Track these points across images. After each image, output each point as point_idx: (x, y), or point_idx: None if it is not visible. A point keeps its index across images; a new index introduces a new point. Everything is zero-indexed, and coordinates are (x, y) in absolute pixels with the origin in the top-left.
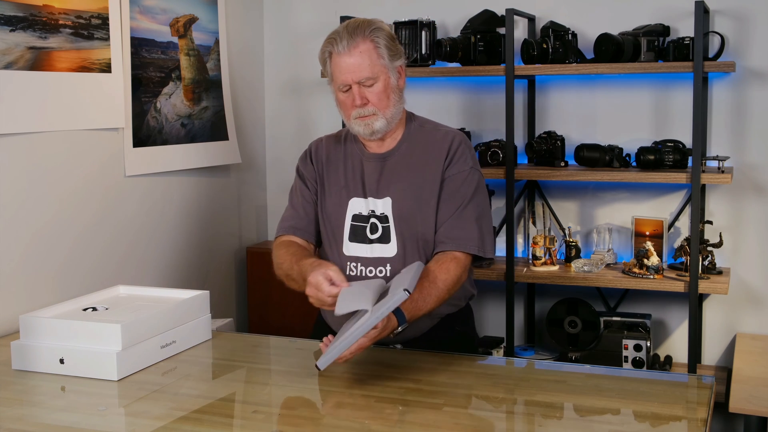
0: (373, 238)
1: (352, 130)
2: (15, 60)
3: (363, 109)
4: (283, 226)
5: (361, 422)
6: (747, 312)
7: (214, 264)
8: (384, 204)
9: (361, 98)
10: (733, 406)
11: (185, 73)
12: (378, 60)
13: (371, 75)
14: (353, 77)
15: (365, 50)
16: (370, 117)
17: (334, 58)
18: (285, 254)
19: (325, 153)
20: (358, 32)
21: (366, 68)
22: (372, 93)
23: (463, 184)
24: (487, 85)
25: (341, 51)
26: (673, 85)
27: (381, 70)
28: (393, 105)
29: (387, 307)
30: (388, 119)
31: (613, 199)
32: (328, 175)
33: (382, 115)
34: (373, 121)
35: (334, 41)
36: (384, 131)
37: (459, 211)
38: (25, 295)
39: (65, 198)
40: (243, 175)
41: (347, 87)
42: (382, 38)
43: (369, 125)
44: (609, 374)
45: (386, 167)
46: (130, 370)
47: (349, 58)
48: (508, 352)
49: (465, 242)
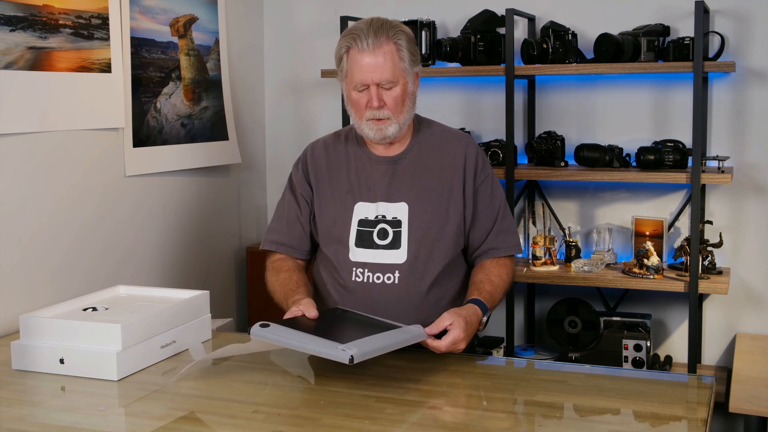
0: (381, 244)
1: (361, 131)
2: (15, 60)
3: (379, 112)
4: (269, 239)
5: (361, 422)
6: (747, 312)
7: (214, 264)
8: (398, 208)
9: (379, 100)
10: (733, 406)
11: (185, 73)
12: (399, 63)
13: (392, 78)
14: (374, 77)
15: (388, 51)
16: (384, 121)
17: (353, 55)
18: (275, 283)
19: (324, 157)
20: (382, 32)
21: (388, 70)
22: (389, 97)
23: (494, 190)
24: (487, 85)
25: (364, 48)
26: (673, 85)
27: (401, 75)
28: (407, 111)
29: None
30: (401, 125)
31: (613, 199)
32: (329, 180)
33: (396, 121)
34: (386, 126)
35: (357, 37)
36: (394, 137)
37: (501, 215)
38: (25, 295)
39: (65, 198)
40: (243, 175)
41: (364, 87)
42: (404, 41)
43: (381, 130)
44: (609, 374)
45: (398, 171)
46: (130, 370)
47: (372, 57)
48: (508, 352)
49: (515, 246)
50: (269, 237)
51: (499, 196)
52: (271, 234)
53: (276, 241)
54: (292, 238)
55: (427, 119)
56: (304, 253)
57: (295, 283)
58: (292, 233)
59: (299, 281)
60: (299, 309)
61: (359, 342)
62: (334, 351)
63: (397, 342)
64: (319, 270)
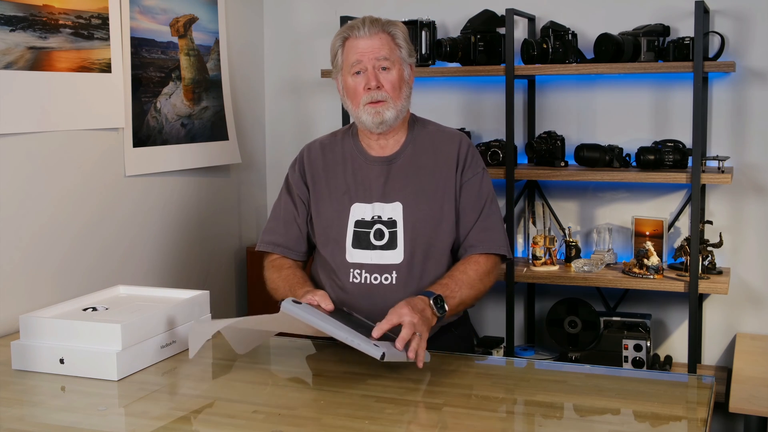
0: (377, 245)
1: (359, 119)
2: (15, 60)
3: (376, 93)
4: (265, 240)
5: (361, 422)
6: (747, 312)
7: (214, 264)
8: (393, 208)
9: (376, 80)
10: (733, 406)
11: (185, 73)
12: (396, 50)
13: (389, 57)
14: (371, 56)
15: (384, 39)
16: (381, 104)
17: (349, 43)
18: (278, 279)
19: (321, 158)
20: (377, 24)
21: (385, 50)
22: (386, 79)
23: (481, 187)
24: (487, 85)
25: (361, 36)
26: (673, 85)
27: (397, 60)
28: (404, 98)
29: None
30: (398, 111)
31: (613, 199)
32: (326, 181)
33: (393, 105)
34: (384, 109)
35: (353, 28)
36: (391, 124)
37: (485, 213)
38: (25, 295)
39: (65, 198)
40: (243, 175)
41: (362, 69)
42: (400, 33)
43: (380, 113)
44: (609, 374)
45: (392, 171)
46: (130, 370)
47: (368, 41)
48: (508, 352)
49: (495, 244)
50: (265, 238)
51: (486, 194)
52: (267, 235)
53: (273, 242)
54: (288, 239)
55: (422, 119)
56: (301, 254)
57: (301, 278)
58: (288, 234)
59: (303, 277)
60: (315, 299)
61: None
62: (366, 344)
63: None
64: (317, 271)
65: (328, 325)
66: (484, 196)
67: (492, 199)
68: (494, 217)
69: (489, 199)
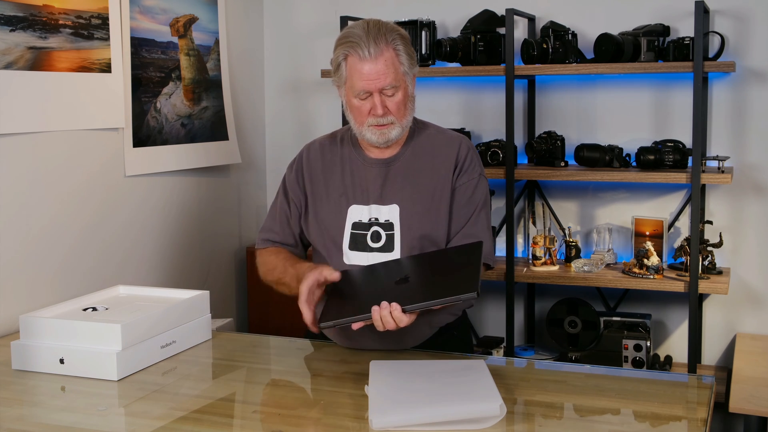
0: (374, 247)
1: (363, 136)
2: (15, 60)
3: (383, 119)
4: (262, 237)
5: (361, 422)
6: (747, 312)
7: (214, 264)
8: (390, 211)
9: (383, 108)
10: (733, 406)
11: (185, 73)
12: (400, 68)
13: (394, 83)
14: (377, 84)
15: (389, 58)
16: (387, 126)
17: (353, 63)
18: (276, 260)
19: (320, 159)
20: (380, 38)
21: (390, 76)
22: (392, 102)
23: (475, 192)
24: (487, 85)
25: (364, 57)
26: (673, 85)
27: (402, 79)
28: (409, 113)
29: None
30: (403, 128)
31: (613, 199)
32: (324, 182)
33: (399, 125)
34: (389, 131)
35: (356, 45)
36: (396, 139)
37: (473, 220)
38: (25, 295)
39: (65, 198)
40: (243, 175)
41: (367, 94)
42: (402, 45)
43: (385, 134)
44: (609, 374)
45: (390, 173)
46: (130, 370)
47: (373, 65)
48: (508, 352)
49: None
50: (262, 236)
51: (478, 201)
52: (264, 233)
53: (270, 239)
54: (285, 236)
55: (422, 121)
56: (298, 250)
57: (299, 258)
58: (284, 233)
59: (302, 258)
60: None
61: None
62: (480, 406)
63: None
64: None
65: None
66: (475, 202)
67: (483, 206)
68: (481, 225)
69: (479, 206)
